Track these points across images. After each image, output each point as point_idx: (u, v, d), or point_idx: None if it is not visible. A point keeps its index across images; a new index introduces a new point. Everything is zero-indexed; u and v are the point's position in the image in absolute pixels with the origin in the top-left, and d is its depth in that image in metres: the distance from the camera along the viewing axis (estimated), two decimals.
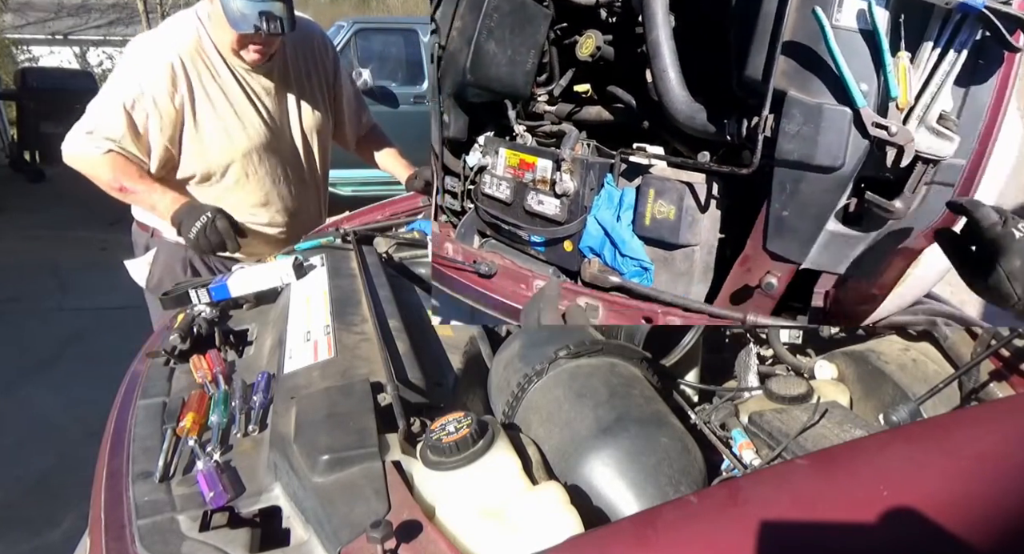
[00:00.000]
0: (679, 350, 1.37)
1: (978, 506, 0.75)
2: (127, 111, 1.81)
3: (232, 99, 1.92)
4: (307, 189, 2.18)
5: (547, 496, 0.85)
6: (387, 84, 6.45)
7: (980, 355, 1.14)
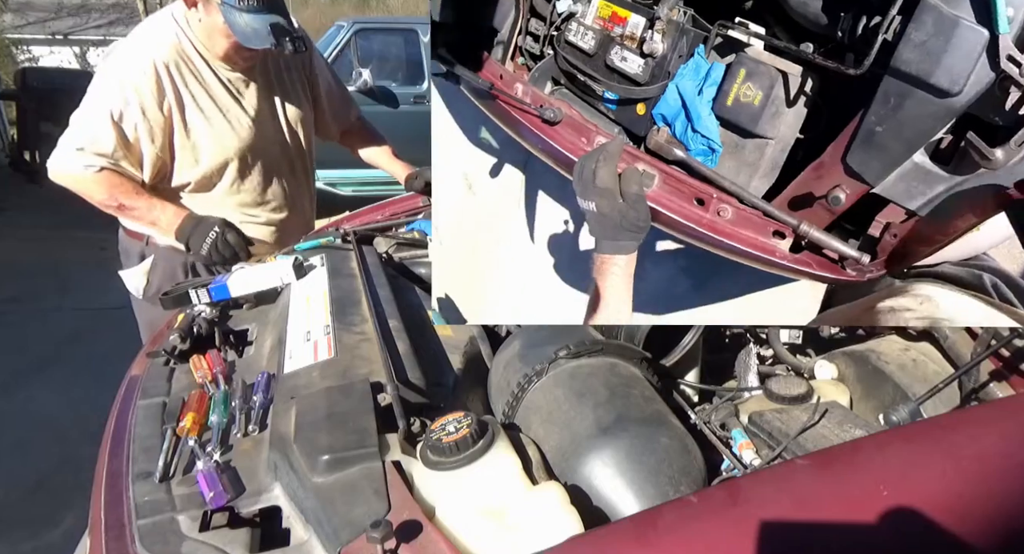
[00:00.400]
0: (679, 350, 1.38)
1: (978, 506, 0.75)
2: (115, 122, 1.76)
3: (219, 101, 1.90)
4: (299, 183, 2.20)
5: (547, 496, 0.85)
6: (387, 84, 6.44)
7: (980, 355, 1.14)
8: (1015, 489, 0.77)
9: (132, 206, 1.82)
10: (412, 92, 6.51)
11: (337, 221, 2.35)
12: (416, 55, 6.64)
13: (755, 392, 1.35)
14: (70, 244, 5.42)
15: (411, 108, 6.42)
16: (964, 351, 1.23)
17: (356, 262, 1.62)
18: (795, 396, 1.24)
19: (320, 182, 6.39)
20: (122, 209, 1.84)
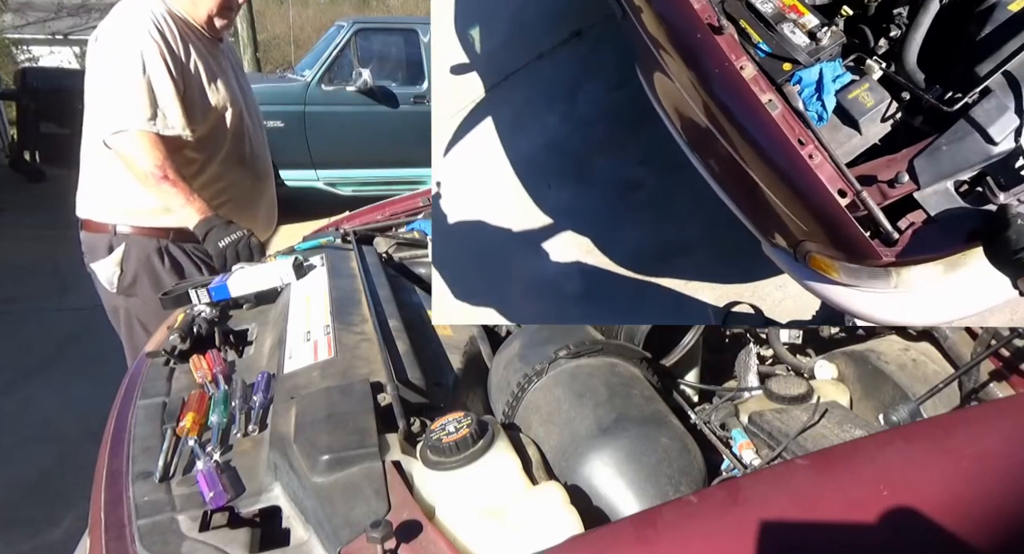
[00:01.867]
0: (679, 350, 1.38)
1: (978, 506, 0.75)
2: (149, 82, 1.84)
3: (203, 61, 1.99)
4: (266, 160, 2.27)
5: (547, 496, 0.85)
6: (387, 84, 6.45)
7: (980, 355, 1.14)
8: (1015, 489, 0.77)
9: (175, 181, 1.86)
10: (412, 92, 6.51)
11: (337, 221, 2.35)
12: (416, 55, 6.64)
13: (755, 392, 1.35)
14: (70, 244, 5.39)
15: (411, 108, 6.43)
16: (964, 351, 1.23)
17: (356, 262, 1.62)
18: (795, 396, 1.24)
19: (320, 182, 6.42)
20: (163, 181, 1.85)
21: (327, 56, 6.36)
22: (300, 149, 6.23)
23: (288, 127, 6.16)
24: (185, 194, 1.88)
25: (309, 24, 14.35)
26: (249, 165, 2.15)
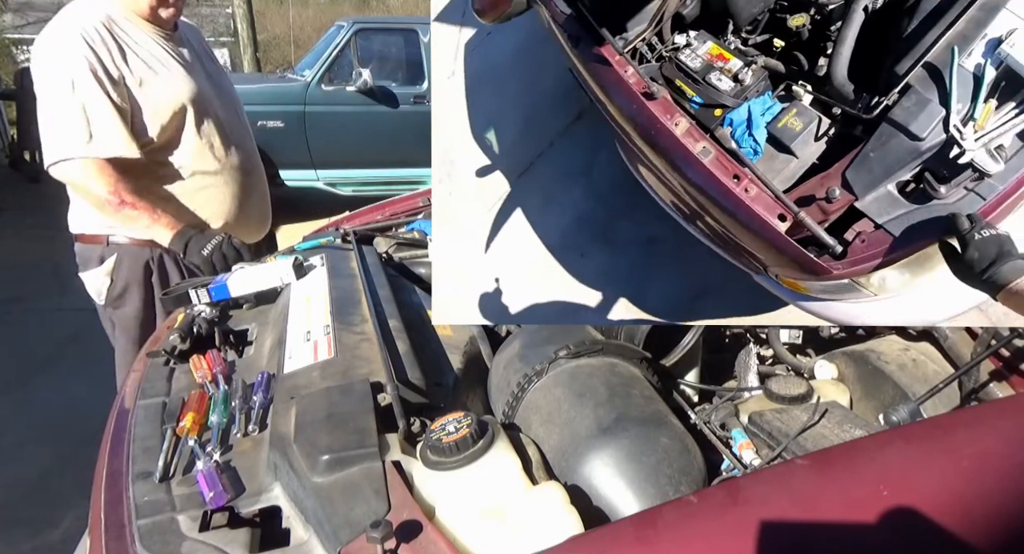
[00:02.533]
0: (679, 350, 1.38)
1: (978, 506, 0.75)
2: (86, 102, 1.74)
3: (157, 54, 1.90)
4: (251, 152, 2.17)
5: (547, 496, 0.85)
6: (387, 84, 6.45)
7: (980, 355, 1.14)
8: (1015, 489, 0.77)
9: (134, 203, 1.79)
10: (412, 92, 6.51)
11: (337, 221, 2.35)
12: (416, 55, 6.64)
13: (755, 392, 1.35)
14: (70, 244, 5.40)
15: (411, 108, 6.42)
16: (964, 351, 1.23)
17: (356, 262, 1.62)
18: (795, 396, 1.24)
19: (320, 182, 6.41)
20: (123, 205, 1.79)
21: (327, 56, 6.36)
22: (300, 149, 6.23)
23: (288, 127, 6.16)
24: (148, 213, 1.81)
25: (309, 24, 14.35)
26: (231, 159, 2.04)
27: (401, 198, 2.51)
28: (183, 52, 1.99)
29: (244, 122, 2.18)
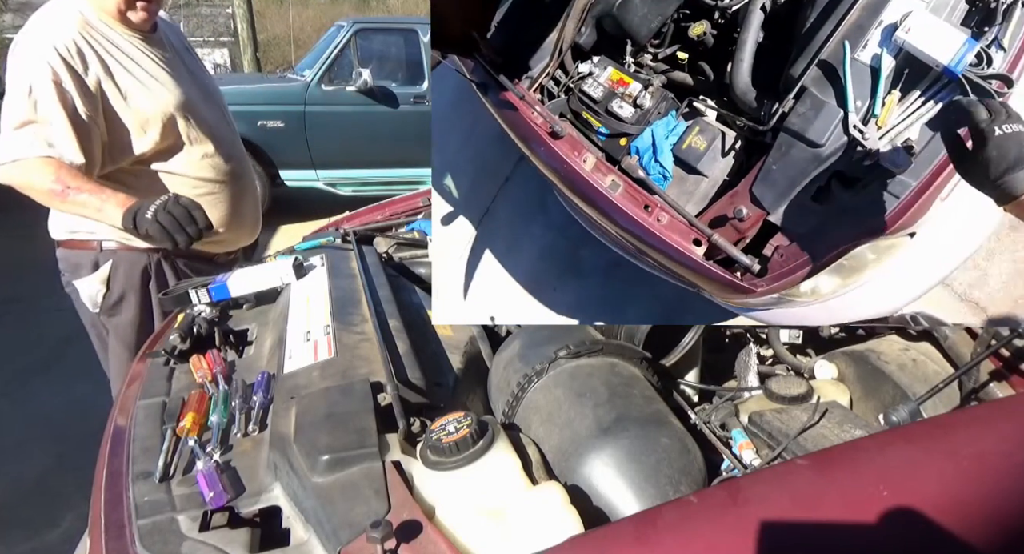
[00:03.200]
0: (679, 350, 1.38)
1: (978, 506, 0.75)
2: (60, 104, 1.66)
3: (139, 61, 1.83)
4: (241, 154, 2.09)
5: (547, 496, 0.85)
6: (387, 84, 6.45)
7: (980, 355, 1.14)
8: (1015, 489, 0.77)
9: (79, 187, 1.66)
10: (412, 92, 6.50)
11: (337, 221, 2.35)
12: (416, 55, 6.63)
13: (755, 392, 1.35)
14: None
15: (411, 108, 6.42)
16: (964, 351, 1.23)
17: (356, 262, 1.62)
18: (795, 396, 1.24)
19: (320, 182, 6.41)
20: (67, 193, 1.66)
21: (327, 56, 6.35)
22: (300, 149, 6.23)
23: (288, 127, 6.15)
24: (96, 194, 1.67)
25: (309, 24, 14.34)
26: (226, 164, 1.98)
27: (401, 198, 2.51)
28: (164, 55, 1.91)
29: (231, 123, 2.11)
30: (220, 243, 1.98)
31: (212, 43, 15.75)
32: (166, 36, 1.97)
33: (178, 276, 1.91)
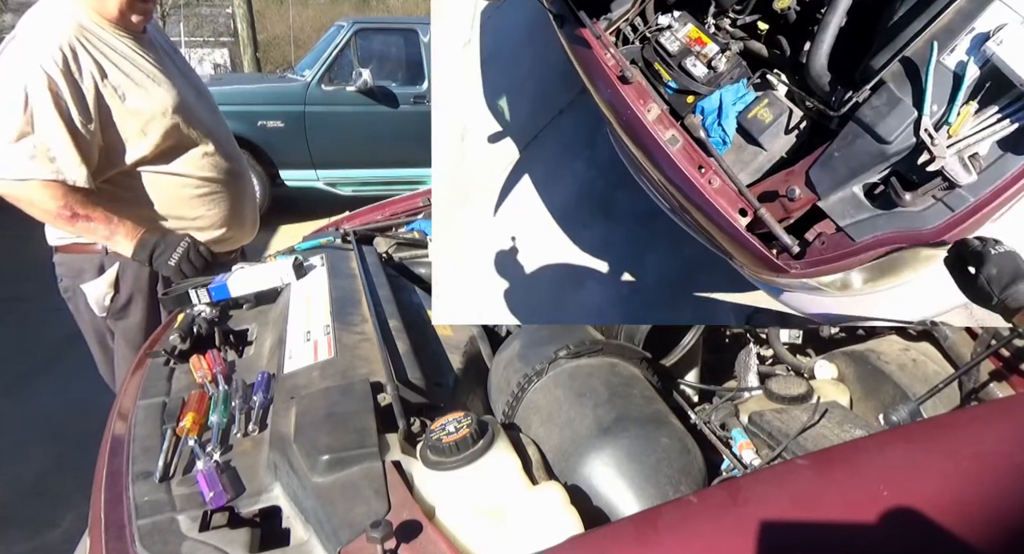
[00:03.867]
0: (679, 350, 1.38)
1: (978, 506, 0.75)
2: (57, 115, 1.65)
3: (136, 64, 1.81)
4: (237, 153, 2.08)
5: (547, 496, 0.85)
6: (387, 84, 6.45)
7: (980, 355, 1.14)
8: (1015, 489, 0.77)
9: (88, 215, 1.71)
10: (412, 92, 6.50)
11: (337, 221, 2.35)
12: (416, 55, 6.63)
13: (755, 392, 1.35)
14: None
15: (411, 108, 6.42)
16: (964, 351, 1.23)
17: (356, 262, 1.62)
18: (795, 396, 1.24)
19: (320, 182, 6.41)
20: (76, 219, 1.70)
21: (327, 56, 6.35)
22: (300, 149, 6.23)
23: (288, 127, 6.16)
24: (104, 224, 1.72)
25: (309, 24, 14.34)
26: (225, 162, 1.97)
27: (401, 198, 2.51)
28: (156, 55, 1.90)
29: (224, 122, 2.10)
30: (222, 243, 1.99)
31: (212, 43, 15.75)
32: (152, 37, 1.96)
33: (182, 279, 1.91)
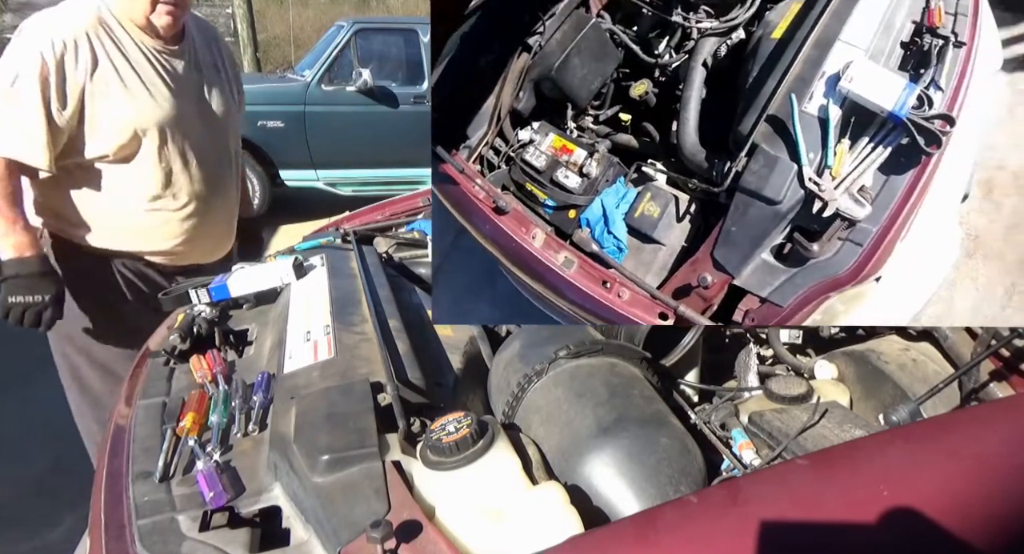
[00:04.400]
0: (679, 350, 1.38)
1: (978, 506, 0.75)
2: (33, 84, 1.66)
3: (140, 71, 1.81)
4: (219, 177, 2.02)
5: (547, 496, 0.85)
6: (387, 84, 6.45)
7: (980, 355, 1.14)
8: (1015, 489, 0.77)
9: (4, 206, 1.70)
10: (412, 92, 6.51)
11: (337, 221, 2.35)
12: (416, 55, 6.64)
13: (755, 392, 1.35)
14: None
15: (411, 108, 6.42)
16: (964, 351, 1.23)
17: (356, 262, 1.62)
18: (795, 396, 1.24)
19: (320, 182, 6.41)
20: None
21: (327, 56, 6.36)
22: (300, 149, 6.23)
23: (288, 127, 6.16)
24: (8, 223, 1.70)
25: (309, 24, 14.34)
26: (192, 186, 1.91)
27: (401, 198, 2.51)
28: (179, 67, 1.88)
29: (225, 143, 2.04)
30: (171, 256, 1.94)
31: None
32: (194, 50, 1.95)
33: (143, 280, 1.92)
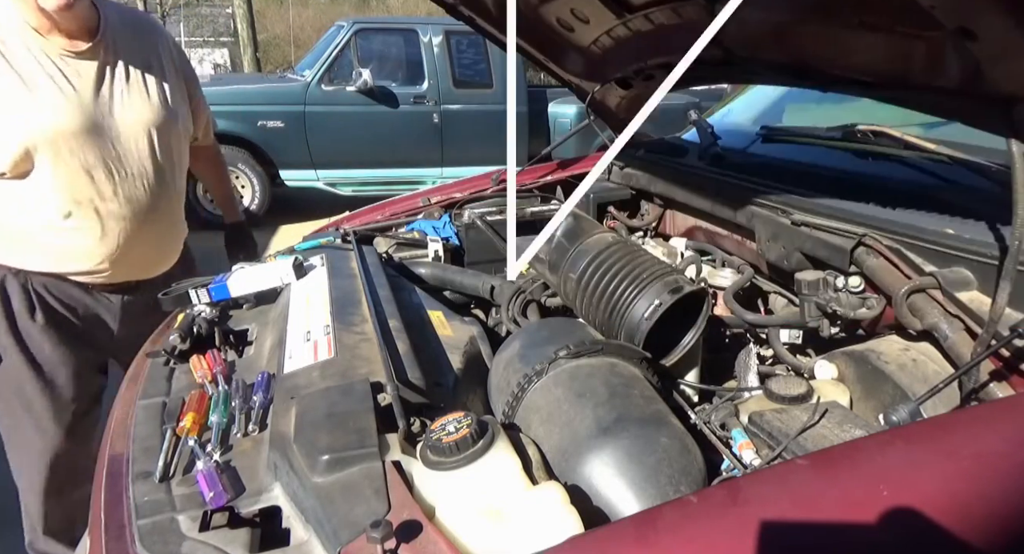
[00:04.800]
0: (679, 350, 1.38)
1: (978, 506, 0.75)
2: None
3: (28, 79, 1.65)
4: (150, 191, 1.85)
5: (547, 496, 0.85)
6: (387, 84, 6.46)
7: (980, 355, 1.14)
8: (1015, 489, 0.77)
9: None
10: (412, 92, 6.51)
11: (337, 221, 2.35)
12: (416, 55, 6.65)
13: (755, 392, 1.35)
14: None
15: (411, 108, 6.44)
16: (964, 351, 1.23)
17: (356, 262, 1.62)
18: (795, 396, 1.24)
19: (320, 182, 6.42)
20: None
21: (327, 56, 6.37)
22: (300, 149, 6.24)
23: (288, 127, 6.17)
24: None
25: (309, 24, 14.36)
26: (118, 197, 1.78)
27: (401, 198, 2.51)
28: (89, 74, 1.72)
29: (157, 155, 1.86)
30: (91, 274, 1.83)
31: (212, 43, 15.76)
32: (114, 50, 1.78)
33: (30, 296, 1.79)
